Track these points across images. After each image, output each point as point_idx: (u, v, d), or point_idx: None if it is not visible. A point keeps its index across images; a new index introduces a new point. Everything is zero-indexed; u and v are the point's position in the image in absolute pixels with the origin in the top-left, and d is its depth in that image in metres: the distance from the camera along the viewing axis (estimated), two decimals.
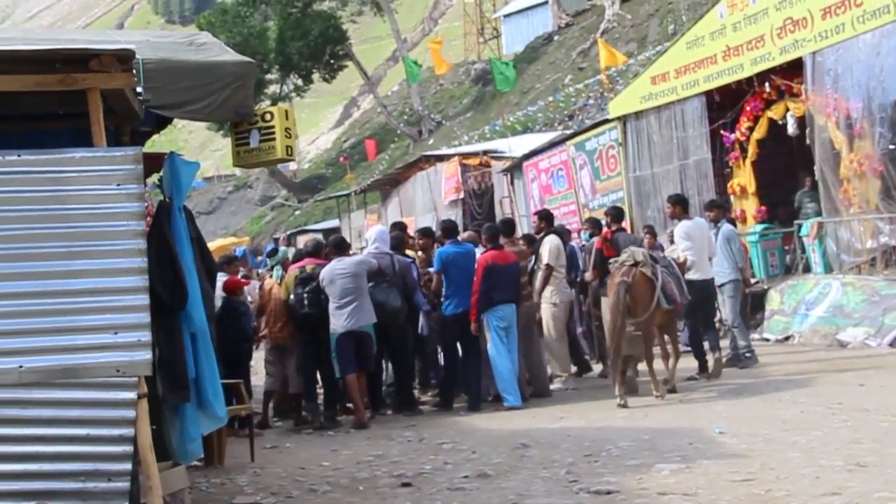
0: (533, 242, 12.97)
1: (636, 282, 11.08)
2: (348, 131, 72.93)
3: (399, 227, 13.99)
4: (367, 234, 12.60)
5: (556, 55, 47.61)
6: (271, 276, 12.81)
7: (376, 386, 12.30)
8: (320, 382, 12.08)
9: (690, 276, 12.19)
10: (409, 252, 12.96)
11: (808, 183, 17.17)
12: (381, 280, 11.63)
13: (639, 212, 19.80)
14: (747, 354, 12.88)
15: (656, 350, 11.61)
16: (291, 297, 11.48)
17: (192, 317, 6.56)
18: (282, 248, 19.37)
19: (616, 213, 13.07)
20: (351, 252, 13.18)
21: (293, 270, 11.65)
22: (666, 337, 11.90)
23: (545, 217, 13.30)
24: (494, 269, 11.52)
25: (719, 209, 13.71)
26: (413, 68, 42.41)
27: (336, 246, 12.08)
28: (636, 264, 11.20)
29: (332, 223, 42.74)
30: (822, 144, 15.55)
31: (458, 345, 12.10)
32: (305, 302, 11.27)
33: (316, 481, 8.16)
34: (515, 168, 26.48)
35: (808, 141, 15.96)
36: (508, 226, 12.92)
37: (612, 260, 11.71)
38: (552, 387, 12.44)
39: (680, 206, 12.94)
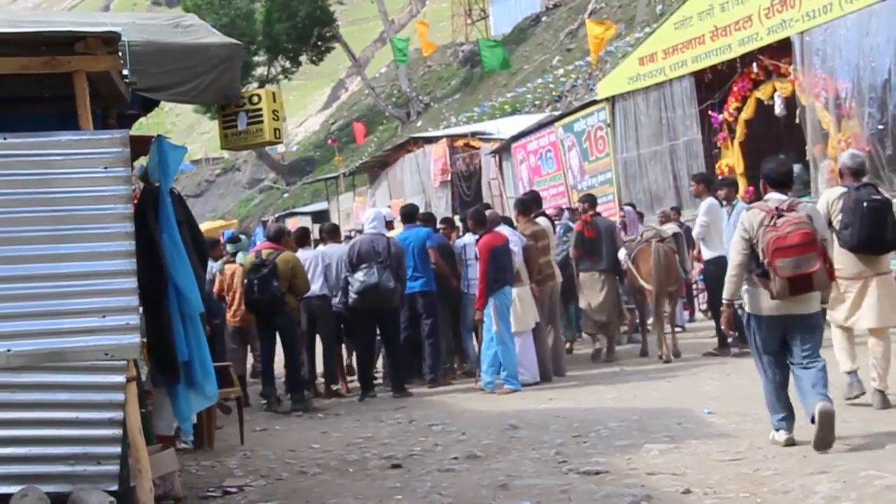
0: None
1: (667, 253, 12.82)
2: (336, 113, 72.68)
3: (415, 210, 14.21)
4: (365, 214, 12.79)
5: (543, 36, 47.51)
6: (234, 262, 13.08)
7: (366, 366, 12.41)
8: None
9: (714, 252, 12.46)
10: None
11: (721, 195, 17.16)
12: (375, 262, 11.65)
13: (626, 193, 19.78)
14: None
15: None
16: (244, 281, 11.62)
17: (188, 299, 6.55)
18: (243, 237, 19.37)
19: (591, 200, 14.07)
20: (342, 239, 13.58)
21: (249, 256, 11.76)
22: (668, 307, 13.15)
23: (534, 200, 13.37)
24: (497, 251, 11.53)
25: (731, 187, 13.09)
26: (401, 50, 42.28)
27: (329, 232, 13.26)
28: (662, 240, 13.02)
29: (320, 206, 42.64)
30: (811, 124, 15.55)
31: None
32: (255, 288, 11.32)
33: (306, 463, 8.17)
34: (504, 150, 26.44)
35: (797, 121, 15.96)
36: (526, 204, 12.85)
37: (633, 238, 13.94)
38: None
39: (704, 183, 13.28)
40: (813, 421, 6.83)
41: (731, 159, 18.14)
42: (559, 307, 13.02)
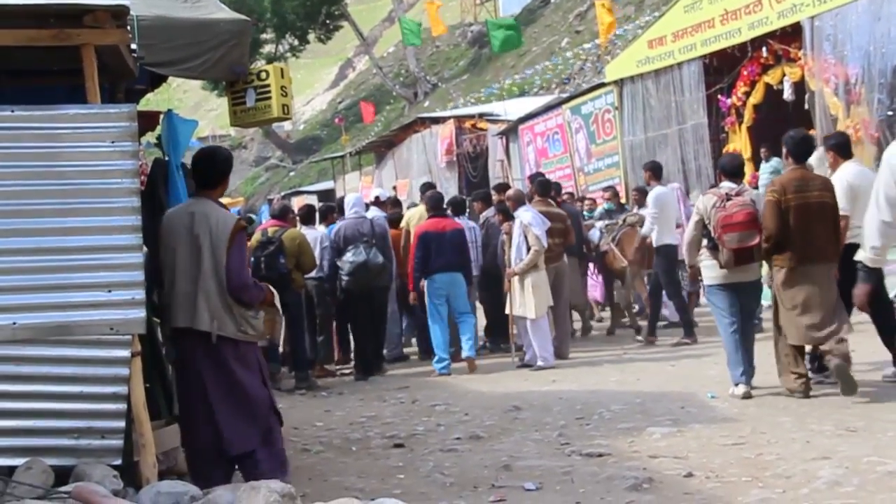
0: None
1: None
2: (343, 92, 72.55)
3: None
4: (346, 200, 12.86)
5: (552, 18, 47.37)
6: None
7: (377, 346, 12.52)
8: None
9: (664, 240, 12.82)
10: None
11: (763, 153, 17.08)
12: (361, 241, 11.86)
13: (633, 177, 19.75)
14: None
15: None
16: (251, 259, 11.57)
17: None
18: (253, 216, 19.27)
19: (557, 187, 14.57)
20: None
21: (256, 234, 11.75)
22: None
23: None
24: (428, 237, 11.96)
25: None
26: (411, 30, 42.11)
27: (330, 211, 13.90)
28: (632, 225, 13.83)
29: (326, 185, 42.60)
30: (820, 110, 15.51)
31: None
32: (262, 265, 11.27)
33: (309, 441, 8.20)
34: (511, 131, 26.39)
35: (806, 106, 15.92)
36: (545, 186, 12.79)
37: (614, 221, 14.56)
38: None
39: (652, 171, 13.44)
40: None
41: (739, 144, 18.09)
42: (566, 290, 13.01)
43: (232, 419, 5.88)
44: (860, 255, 6.54)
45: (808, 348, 8.55)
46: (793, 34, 16.22)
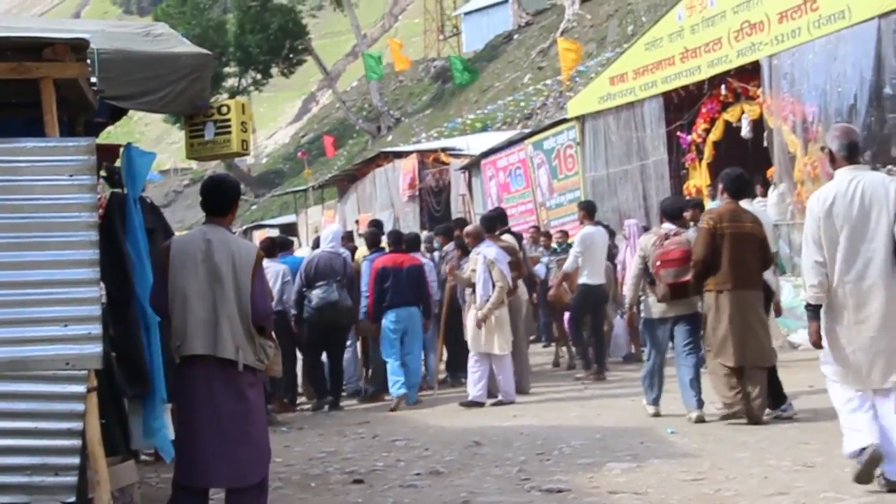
0: None
1: None
2: (306, 126, 72.62)
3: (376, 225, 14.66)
4: (323, 233, 12.90)
5: (515, 54, 47.73)
6: None
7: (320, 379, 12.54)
8: None
9: (582, 279, 13.14)
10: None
11: (759, 190, 17.19)
12: (333, 279, 11.81)
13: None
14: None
15: None
16: None
17: (145, 309, 6.51)
18: None
19: (503, 218, 14.05)
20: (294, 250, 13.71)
21: None
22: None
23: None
24: (385, 272, 12.01)
25: (697, 208, 12.01)
26: (373, 65, 42.27)
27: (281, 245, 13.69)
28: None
29: (288, 218, 42.54)
30: (778, 147, 15.69)
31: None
32: None
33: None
34: (473, 166, 26.51)
35: (765, 144, 16.11)
36: (492, 221, 12.72)
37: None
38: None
39: (585, 211, 13.72)
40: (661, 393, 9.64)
41: (699, 180, 18.27)
42: (528, 322, 13.10)
43: (244, 449, 5.79)
44: (803, 295, 6.71)
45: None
46: (751, 72, 16.44)
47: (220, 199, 5.94)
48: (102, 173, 6.91)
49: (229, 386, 5.74)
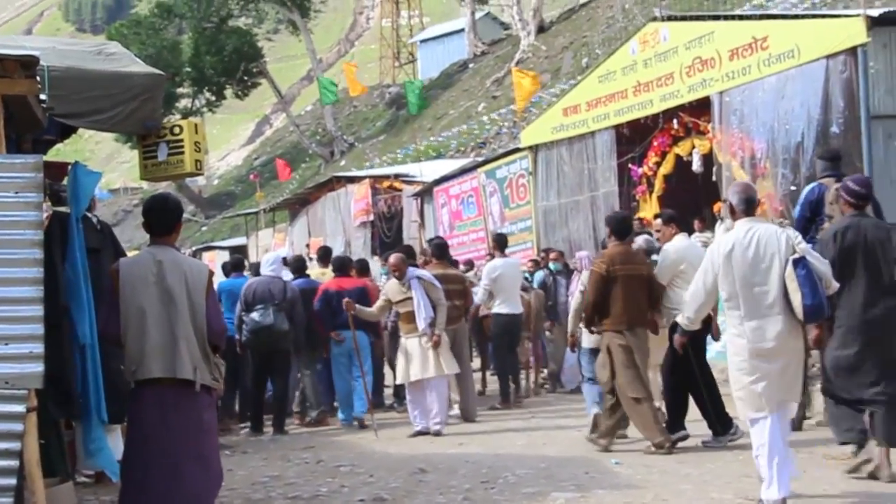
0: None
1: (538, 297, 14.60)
2: (259, 149, 72.44)
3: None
4: (264, 257, 13.08)
5: (470, 83, 47.96)
6: None
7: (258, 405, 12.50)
8: None
9: (497, 309, 13.42)
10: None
11: (696, 225, 17.31)
12: (271, 303, 11.85)
13: (546, 241, 19.97)
14: None
15: None
16: None
17: (76, 331, 6.44)
18: None
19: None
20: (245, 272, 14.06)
21: None
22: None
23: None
24: (329, 294, 12.32)
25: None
26: (328, 89, 42.31)
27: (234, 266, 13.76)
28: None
29: (239, 240, 42.32)
30: (727, 182, 15.87)
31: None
32: None
33: None
34: (426, 193, 26.56)
35: (713, 178, 16.29)
36: (442, 249, 12.81)
37: None
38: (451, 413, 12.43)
39: (496, 243, 14.17)
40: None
41: (649, 213, 18.41)
42: (469, 350, 13.10)
43: (200, 471, 5.73)
44: (679, 319, 7.53)
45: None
46: (702, 108, 16.66)
47: (164, 218, 5.91)
48: (47, 191, 6.83)
49: (186, 408, 5.69)
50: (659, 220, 10.39)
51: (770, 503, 6.60)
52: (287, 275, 13.18)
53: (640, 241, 10.46)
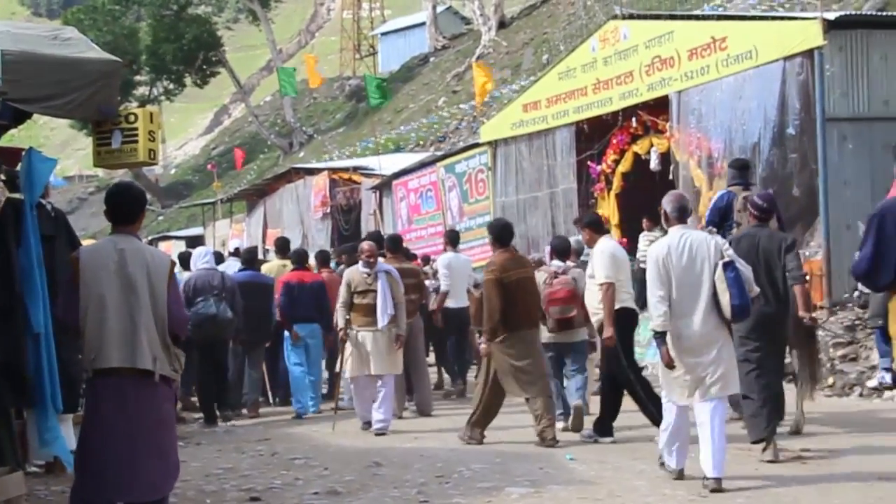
0: None
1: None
2: (217, 139, 72.00)
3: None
4: (196, 252, 13.23)
5: (430, 76, 47.92)
6: None
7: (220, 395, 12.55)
8: None
9: (448, 304, 13.82)
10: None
11: (646, 224, 17.39)
12: (211, 294, 11.96)
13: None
14: None
15: None
16: None
17: (30, 319, 6.35)
18: None
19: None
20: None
21: None
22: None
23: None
24: (290, 287, 12.60)
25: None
26: (287, 80, 42.09)
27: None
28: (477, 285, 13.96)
29: (196, 230, 42.03)
30: (684, 181, 15.98)
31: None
32: None
33: None
34: (385, 186, 26.51)
35: (670, 177, 16.38)
36: (396, 242, 13.00)
37: None
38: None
39: (448, 239, 14.51)
40: (568, 412, 10.32)
41: (607, 210, 18.52)
42: (422, 346, 13.09)
43: (158, 461, 5.68)
44: (651, 325, 7.77)
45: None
46: (661, 106, 16.74)
47: (127, 207, 5.84)
48: (2, 177, 6.73)
49: (145, 398, 5.64)
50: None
51: (674, 471, 7.66)
52: (235, 265, 13.59)
53: (571, 242, 11.23)
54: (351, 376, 11.38)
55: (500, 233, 10.11)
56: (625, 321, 9.53)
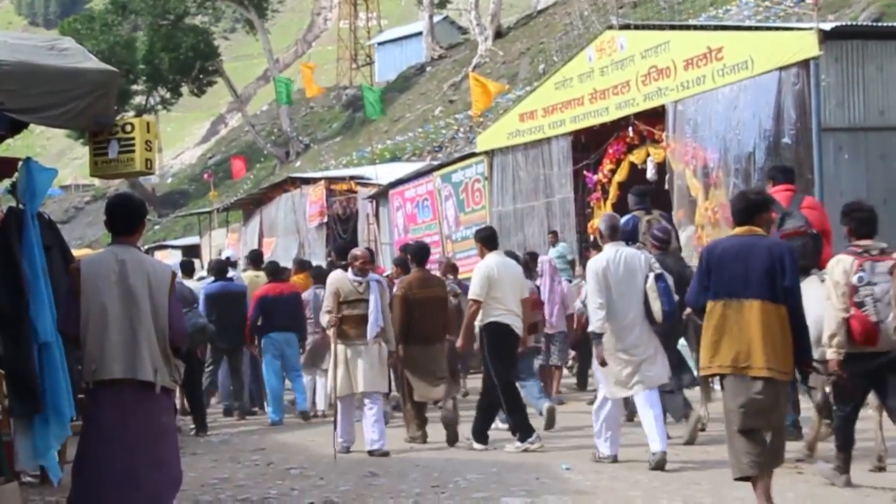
0: None
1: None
2: (214, 148, 71.92)
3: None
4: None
5: (427, 86, 47.95)
6: None
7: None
8: None
9: None
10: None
11: (549, 238, 17.79)
12: (189, 307, 12.00)
13: (501, 247, 19.90)
14: None
15: None
16: None
17: (36, 328, 6.35)
18: None
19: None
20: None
21: None
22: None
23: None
24: (266, 300, 13.05)
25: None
26: (284, 89, 42.11)
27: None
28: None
29: (192, 240, 41.98)
30: (680, 191, 16.00)
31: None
32: None
33: None
34: (381, 195, 26.51)
35: (666, 186, 16.40)
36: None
37: None
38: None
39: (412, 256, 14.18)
40: (541, 414, 10.89)
41: None
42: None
43: (158, 473, 5.68)
44: (590, 327, 8.82)
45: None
46: (657, 116, 16.76)
47: (128, 218, 5.87)
48: (7, 187, 6.74)
49: (145, 410, 5.65)
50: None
51: (608, 457, 8.89)
52: (209, 278, 14.25)
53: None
54: (339, 395, 10.36)
55: (417, 253, 11.22)
56: (497, 335, 9.98)
